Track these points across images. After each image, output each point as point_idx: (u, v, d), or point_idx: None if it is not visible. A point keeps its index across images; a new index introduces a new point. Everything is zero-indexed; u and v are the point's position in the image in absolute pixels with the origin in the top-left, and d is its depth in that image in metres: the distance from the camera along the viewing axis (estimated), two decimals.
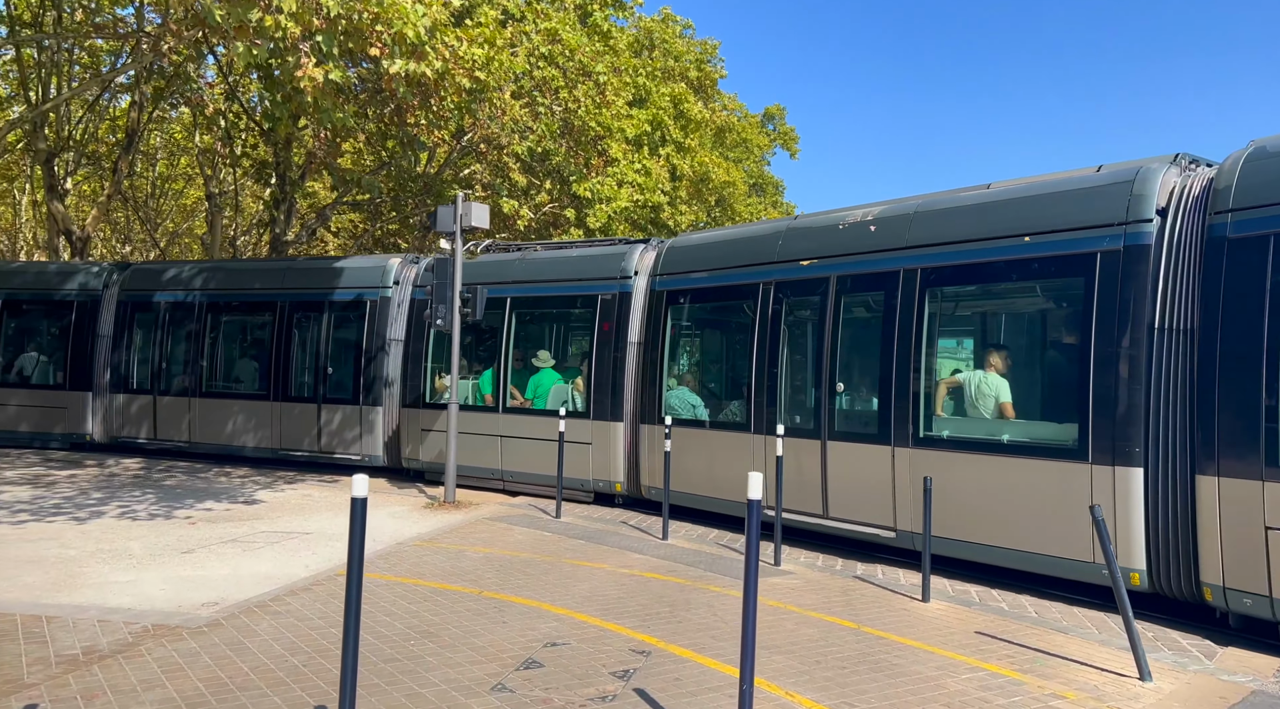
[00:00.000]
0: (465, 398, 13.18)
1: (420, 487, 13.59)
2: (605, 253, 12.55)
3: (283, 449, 15.26)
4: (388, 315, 14.54)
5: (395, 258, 14.91)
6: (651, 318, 11.58)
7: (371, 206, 27.84)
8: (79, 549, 8.45)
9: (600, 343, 11.95)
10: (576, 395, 12.38)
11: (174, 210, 43.44)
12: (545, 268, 12.96)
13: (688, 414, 11.19)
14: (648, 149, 24.32)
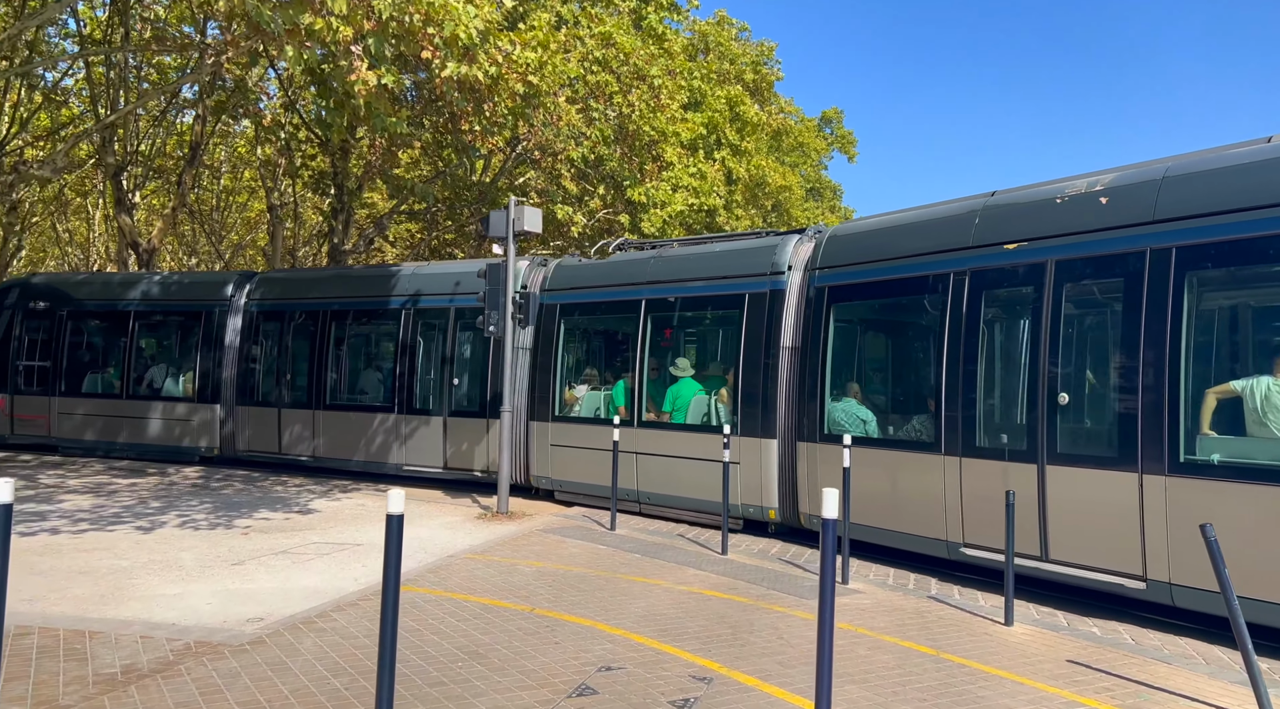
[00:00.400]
0: (596, 411, 12.55)
1: (475, 496, 13.38)
2: (753, 246, 11.17)
3: (408, 466, 14.40)
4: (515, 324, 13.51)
5: (522, 261, 13.52)
6: (810, 318, 10.06)
7: (428, 216, 27.96)
8: (131, 560, 8.35)
9: (748, 348, 10.61)
10: (720, 407, 11.10)
11: (238, 223, 44.45)
12: (684, 265, 11.73)
13: (856, 430, 9.52)
14: (703, 152, 23.94)
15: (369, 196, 29.83)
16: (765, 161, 27.69)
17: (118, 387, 17.58)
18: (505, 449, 11.53)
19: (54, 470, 15.06)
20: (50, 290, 18.84)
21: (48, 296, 18.53)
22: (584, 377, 13.14)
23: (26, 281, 19.82)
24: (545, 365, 12.87)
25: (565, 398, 12.84)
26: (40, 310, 18.42)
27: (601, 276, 12.68)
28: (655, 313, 11.84)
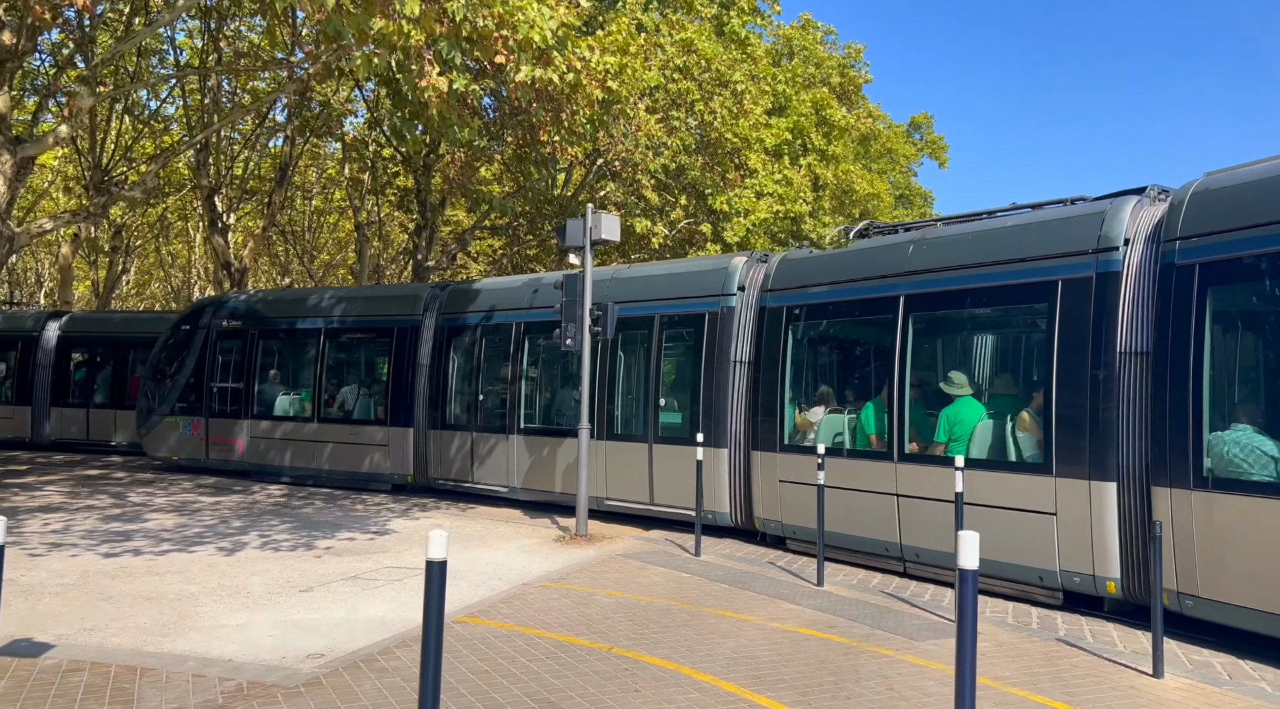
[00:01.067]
0: (838, 438, 10.02)
1: (553, 517, 12.91)
2: (1071, 216, 8.33)
3: (610, 499, 12.32)
4: (730, 331, 11.11)
5: (739, 257, 11.61)
6: (1172, 310, 7.18)
7: (510, 231, 27.91)
8: (201, 585, 8.10)
9: (1065, 355, 7.86)
10: (1022, 437, 8.33)
11: (330, 242, 45.52)
12: (963, 248, 9.11)
13: (1261, 472, 6.53)
14: (788, 158, 23.18)
15: (452, 213, 29.99)
16: (853, 167, 26.73)
17: (308, 409, 16.59)
18: (583, 469, 11.00)
19: (144, 488, 15.23)
20: (242, 308, 18.10)
21: (239, 315, 17.88)
22: (818, 396, 10.60)
23: (219, 300, 19.17)
24: (770, 382, 10.62)
25: (796, 422, 10.50)
26: (232, 329, 17.76)
27: (842, 270, 10.26)
28: (918, 311, 9.31)
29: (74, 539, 10.24)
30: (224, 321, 17.86)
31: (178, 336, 18.35)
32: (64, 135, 15.06)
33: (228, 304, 18.40)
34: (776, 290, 10.92)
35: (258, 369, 17.29)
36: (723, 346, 11.10)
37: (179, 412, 17.89)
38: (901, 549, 9.11)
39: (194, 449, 17.67)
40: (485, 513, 13.33)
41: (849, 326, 10.63)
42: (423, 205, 24.07)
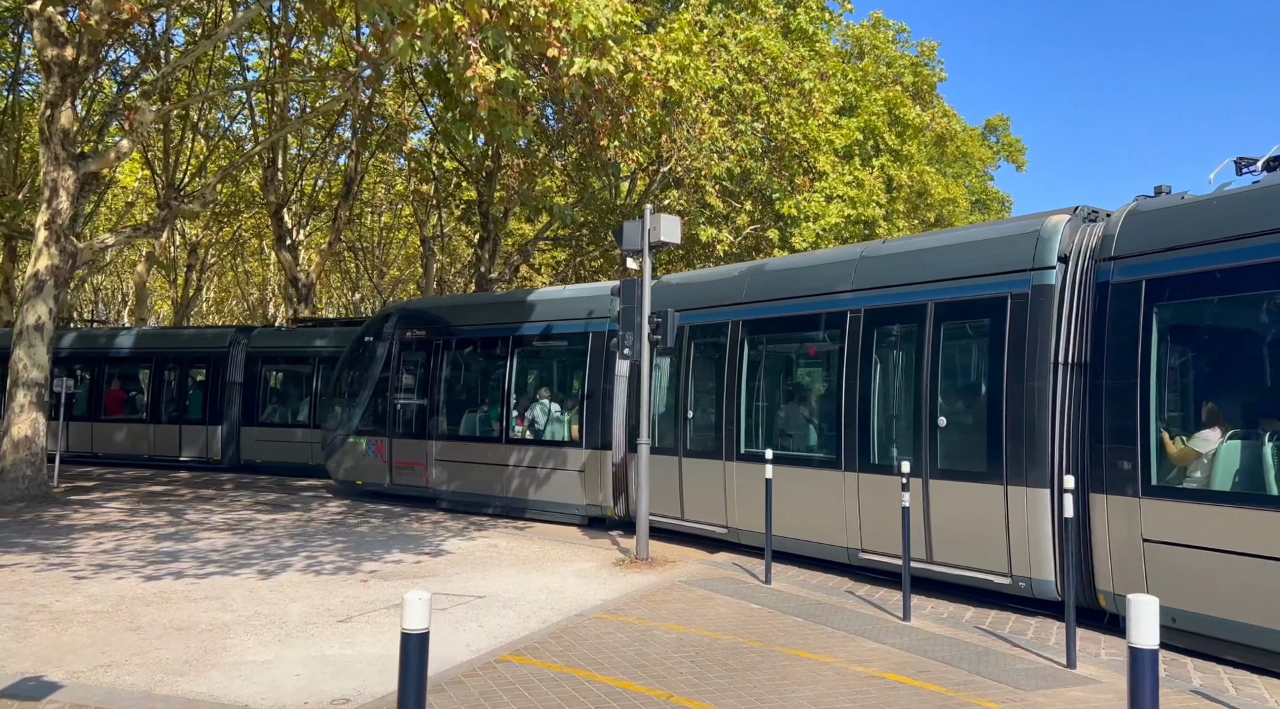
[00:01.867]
0: (1243, 477, 6.67)
1: (613, 537, 12.21)
2: None
3: (866, 551, 9.30)
4: (1047, 319, 7.99)
5: (1057, 215, 8.33)
6: None
7: (573, 242, 27.47)
8: (236, 612, 7.62)
9: None
10: None
11: (399, 258, 45.90)
12: None
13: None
14: (859, 160, 22.22)
15: (515, 226, 29.72)
16: (927, 168, 25.59)
17: (496, 429, 14.41)
18: (643, 486, 10.28)
19: (204, 505, 15.04)
20: (425, 316, 16.08)
21: (423, 323, 15.83)
22: (1206, 413, 7.13)
23: (404, 306, 17.65)
24: (1120, 393, 7.31)
25: (1171, 452, 7.10)
26: (416, 339, 15.85)
27: (1251, 219, 6.71)
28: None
29: (121, 560, 9.93)
30: (408, 331, 15.90)
31: (361, 347, 16.62)
32: (125, 150, 15.05)
33: (412, 310, 16.50)
34: (1126, 258, 7.48)
35: (443, 383, 15.22)
36: (1035, 342, 7.97)
37: (362, 431, 16.22)
38: None
39: (377, 473, 15.93)
40: (544, 532, 12.71)
41: (1260, 309, 6.86)
42: (485, 217, 23.78)
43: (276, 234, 27.58)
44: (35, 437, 14.48)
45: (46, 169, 14.51)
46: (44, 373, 14.68)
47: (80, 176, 14.73)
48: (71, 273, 14.99)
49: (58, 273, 14.66)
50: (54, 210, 14.48)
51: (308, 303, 27.89)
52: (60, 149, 14.44)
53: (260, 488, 17.77)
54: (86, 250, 15.08)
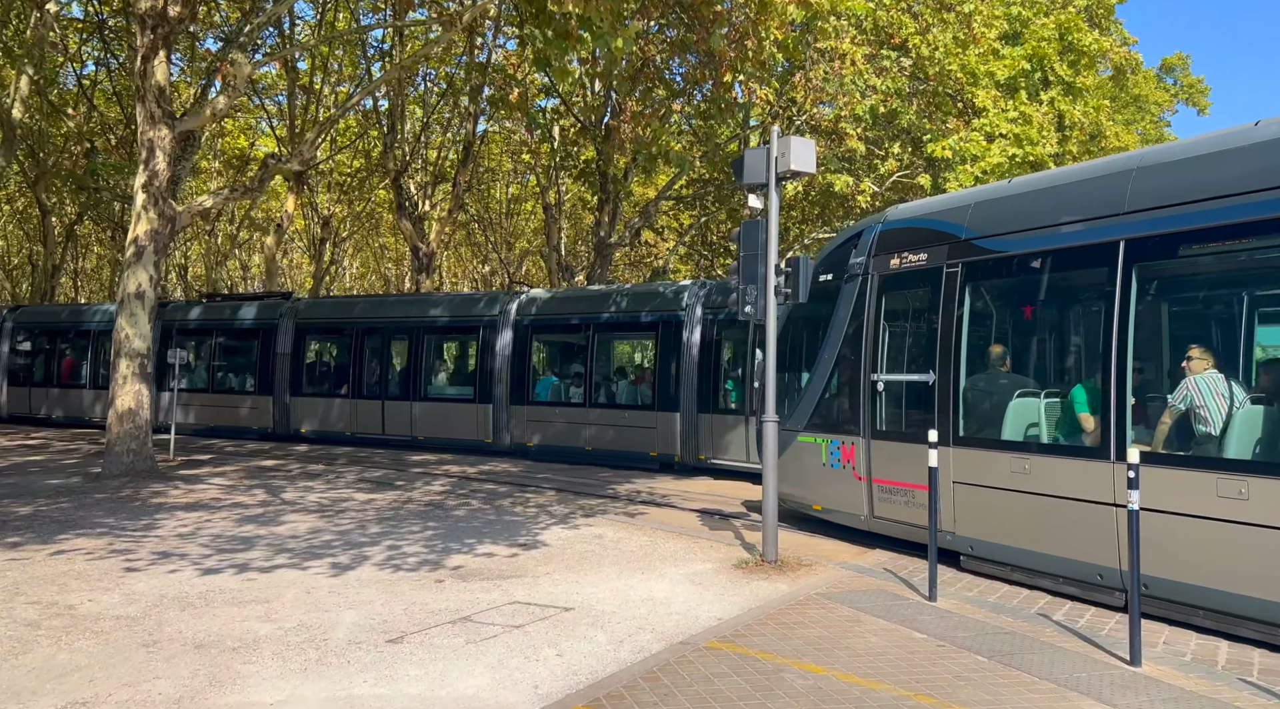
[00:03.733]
0: None
1: (738, 528, 10.49)
2: None
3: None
4: None
5: None
6: None
7: (697, 202, 25.65)
8: (277, 623, 6.37)
9: None
10: None
11: (525, 230, 45.28)
12: None
13: None
14: (1025, 93, 19.36)
15: (635, 188, 28.13)
16: (1106, 104, 22.28)
17: (1094, 433, 7.44)
18: (770, 471, 8.47)
19: (307, 481, 14.27)
20: (930, 227, 9.08)
21: (927, 240, 8.91)
22: None
23: (891, 216, 10.07)
24: None
25: None
26: (915, 270, 9.20)
27: None
28: None
29: (190, 547, 8.97)
30: (899, 256, 9.21)
31: (815, 291, 9.39)
32: (222, 107, 14.27)
33: (909, 220, 9.53)
34: None
35: (965, 344, 8.48)
36: None
37: (819, 425, 10.06)
38: None
39: (845, 496, 9.63)
40: (659, 520, 11.13)
41: None
42: (604, 178, 22.30)
43: (397, 202, 27.04)
44: (139, 409, 14.00)
45: (142, 128, 13.90)
46: (146, 343, 14.17)
47: (177, 135, 14.05)
48: (171, 237, 14.41)
49: (157, 237, 14.07)
50: (151, 171, 13.86)
51: (428, 273, 27.28)
52: (155, 107, 13.77)
53: (370, 464, 16.99)
54: (185, 213, 14.46)
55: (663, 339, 16.20)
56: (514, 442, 17.96)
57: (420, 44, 28.43)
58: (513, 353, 17.96)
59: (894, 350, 9.34)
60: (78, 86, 26.38)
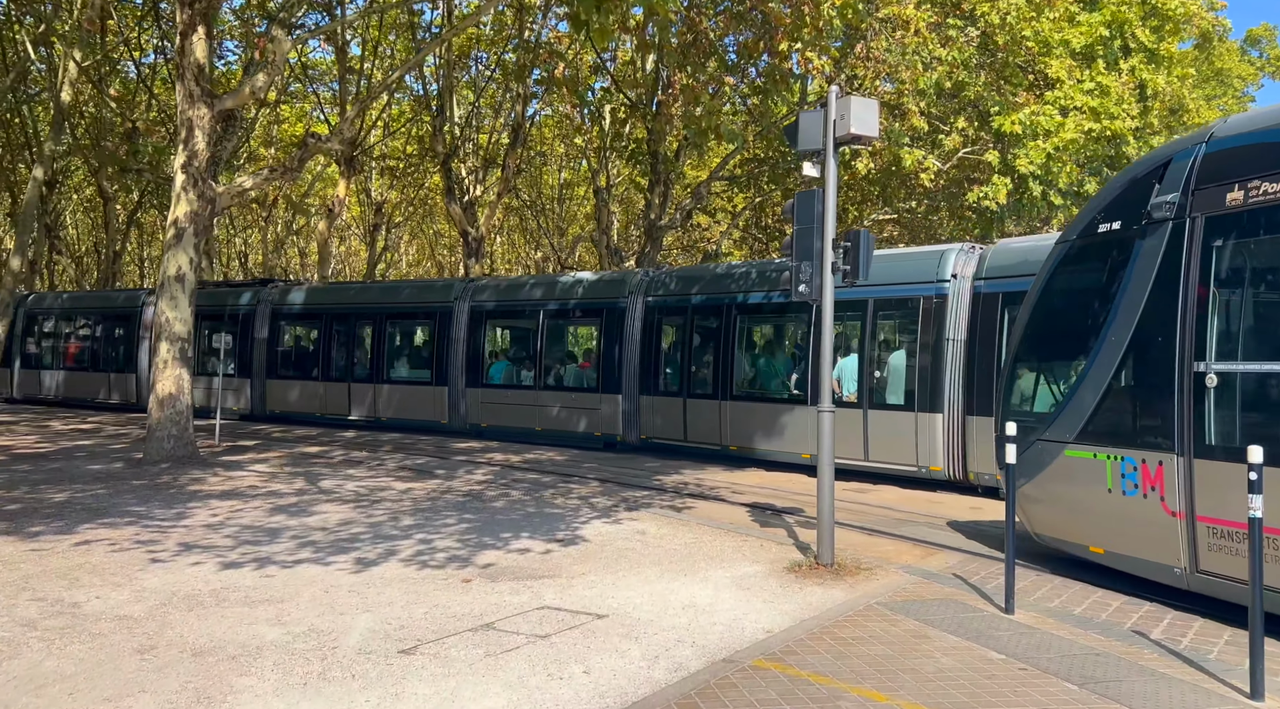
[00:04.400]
0: None
1: (790, 525, 9.79)
2: None
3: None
4: None
5: None
6: None
7: (751, 182, 24.79)
8: (287, 627, 5.89)
9: None
10: None
11: (578, 216, 44.80)
12: None
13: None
14: (1103, 62, 18.11)
15: (688, 171, 27.37)
16: (1192, 73, 20.85)
17: None
18: (826, 461, 7.76)
19: (349, 469, 13.93)
20: None
21: None
22: None
23: (1220, 132, 7.43)
24: None
25: None
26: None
27: None
28: None
29: (216, 538, 8.61)
30: (1237, 190, 6.44)
31: (1085, 251, 7.79)
32: (261, 85, 13.92)
33: (1255, 130, 6.74)
34: None
35: None
36: None
37: (1101, 434, 7.31)
38: None
39: (1150, 538, 6.85)
40: (705, 514, 10.49)
41: None
42: (654, 158, 21.61)
43: (446, 187, 26.71)
44: (180, 394, 13.79)
45: (181, 107, 13.63)
46: (187, 326, 13.94)
47: (216, 114, 13.75)
48: (211, 219, 14.14)
49: (197, 219, 13.81)
50: (190, 151, 13.59)
51: (478, 258, 26.93)
52: (194, 84, 13.48)
53: (415, 451, 16.64)
54: (225, 195, 14.18)
55: (607, 325, 16.59)
56: (469, 423, 18.44)
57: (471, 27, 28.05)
58: (468, 338, 18.49)
59: (1235, 327, 6.55)
60: (138, 74, 26.57)
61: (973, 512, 11.18)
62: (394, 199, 40.13)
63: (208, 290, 24.55)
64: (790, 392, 14.16)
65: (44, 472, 12.75)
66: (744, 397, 14.74)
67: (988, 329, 11.89)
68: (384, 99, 32.76)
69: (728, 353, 14.88)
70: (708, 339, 15.43)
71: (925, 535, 9.51)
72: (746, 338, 15.44)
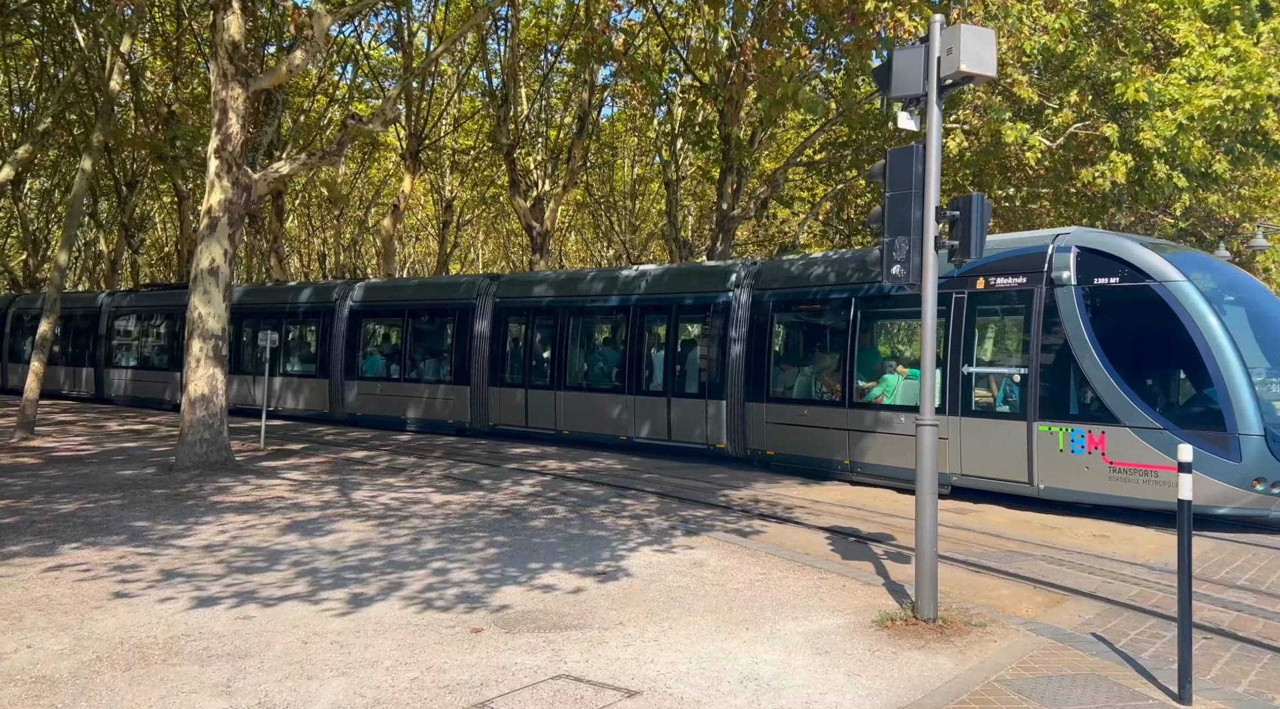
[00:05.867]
0: None
1: (879, 554, 8.21)
2: None
3: None
4: None
5: None
6: None
7: (827, 169, 23.05)
8: (229, 703, 4.64)
9: None
10: None
11: (650, 212, 43.49)
12: None
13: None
14: (1239, 24, 15.87)
15: (766, 164, 25.71)
16: None
17: None
18: (926, 479, 6.18)
19: (389, 477, 12.85)
20: None
21: None
22: None
23: None
24: None
25: None
26: None
27: None
28: None
29: (207, 564, 7.49)
30: None
31: None
32: (298, 63, 12.92)
33: None
34: None
35: None
36: None
37: None
38: None
39: None
40: (776, 540, 8.98)
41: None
42: (726, 142, 20.09)
43: (510, 179, 25.69)
44: (213, 395, 12.89)
45: (215, 88, 12.74)
46: (222, 323, 13.05)
47: (250, 94, 12.81)
48: (247, 208, 13.22)
49: (231, 208, 12.90)
50: (224, 135, 12.68)
51: (543, 253, 25.83)
52: (228, 64, 12.57)
53: (465, 457, 15.52)
54: (261, 181, 13.25)
55: (459, 324, 18.64)
56: (348, 412, 20.42)
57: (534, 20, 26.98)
58: (346, 335, 20.55)
59: None
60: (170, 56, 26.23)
61: (1098, 541, 9.40)
62: (464, 196, 39.50)
63: (156, 292, 26.15)
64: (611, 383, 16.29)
65: (69, 477, 11.99)
66: None
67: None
68: (452, 90, 32.03)
69: None
70: None
71: (1045, 573, 7.84)
72: None
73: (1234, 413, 9.42)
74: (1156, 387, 10.73)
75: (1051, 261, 10.83)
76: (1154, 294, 10.06)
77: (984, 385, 11.79)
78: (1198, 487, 6.67)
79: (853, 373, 12.91)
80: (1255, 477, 9.42)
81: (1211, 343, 9.61)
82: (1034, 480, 10.80)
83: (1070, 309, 10.54)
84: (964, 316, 11.53)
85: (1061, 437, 10.60)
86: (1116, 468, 10.17)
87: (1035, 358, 10.90)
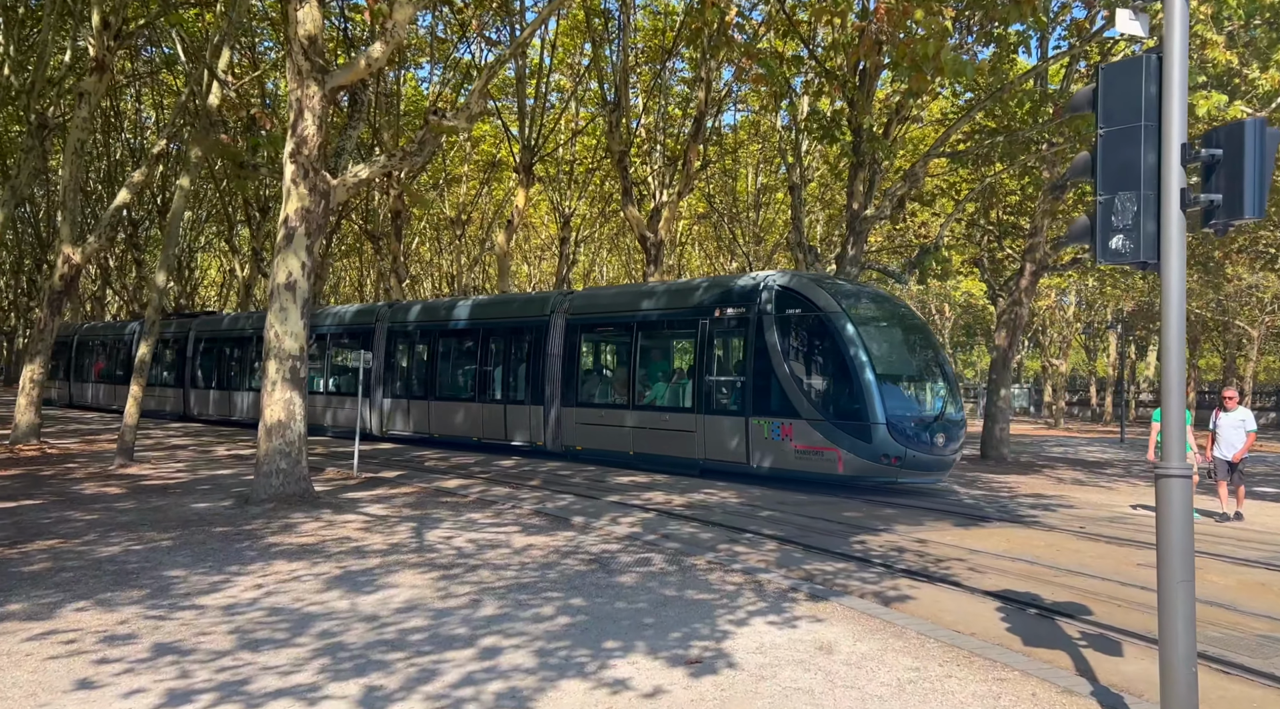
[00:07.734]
0: None
1: (1074, 637, 6.07)
2: None
3: None
4: None
5: None
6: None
7: (980, 158, 20.51)
8: None
9: None
10: None
11: (777, 222, 41.42)
12: None
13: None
14: None
15: (900, 161, 23.34)
16: None
17: None
18: (1173, 549, 4.10)
19: (475, 512, 11.48)
20: None
21: None
22: None
23: None
24: None
25: None
26: None
27: None
28: None
29: (215, 635, 6.15)
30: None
31: None
32: (378, 57, 11.81)
33: None
34: None
35: None
36: None
37: None
38: None
39: None
40: (929, 612, 6.95)
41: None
42: (857, 135, 18.02)
43: (623, 187, 24.32)
44: (290, 421, 11.86)
45: (290, 87, 11.78)
46: (299, 342, 12.03)
47: (326, 92, 11.80)
48: (326, 216, 12.18)
49: (309, 217, 11.90)
50: (299, 137, 11.71)
51: (657, 265, 24.30)
52: (303, 60, 11.60)
53: (564, 487, 14.04)
54: (340, 187, 12.19)
55: (363, 345, 21.82)
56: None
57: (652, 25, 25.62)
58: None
59: None
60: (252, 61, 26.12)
61: (1066, 549, 6.90)
62: (582, 211, 38.58)
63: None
64: None
65: (140, 511, 11.13)
66: None
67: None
68: (564, 99, 31.07)
69: None
70: None
71: None
72: None
73: (868, 407, 12.97)
74: (823, 389, 13.86)
75: (760, 297, 14.58)
76: (820, 322, 13.74)
77: (719, 390, 15.22)
78: (849, 462, 13.25)
79: (634, 381, 16.69)
80: (882, 453, 13.01)
81: (854, 356, 13.20)
82: (750, 461, 14.52)
83: (771, 333, 14.20)
84: (707, 338, 15.32)
85: (766, 427, 14.22)
86: (799, 450, 13.80)
87: (750, 369, 14.48)
